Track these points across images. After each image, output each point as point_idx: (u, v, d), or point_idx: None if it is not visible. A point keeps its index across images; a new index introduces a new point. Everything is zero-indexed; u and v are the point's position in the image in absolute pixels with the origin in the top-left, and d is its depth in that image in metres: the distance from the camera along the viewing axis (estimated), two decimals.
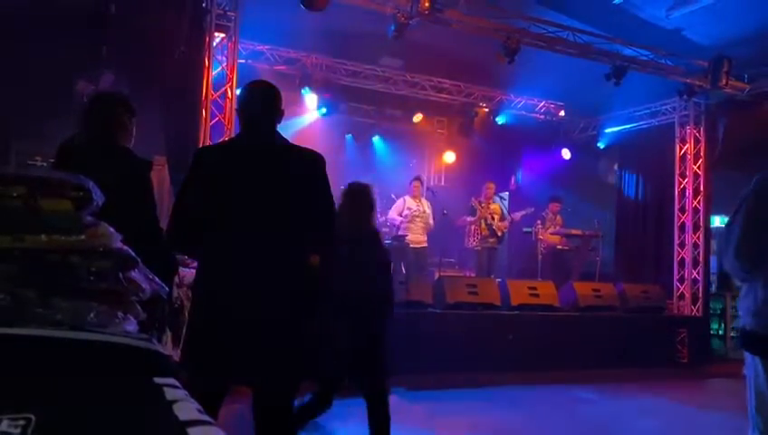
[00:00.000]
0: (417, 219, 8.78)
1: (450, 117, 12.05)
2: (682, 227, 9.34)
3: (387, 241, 9.26)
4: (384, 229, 10.36)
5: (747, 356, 2.60)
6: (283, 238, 2.43)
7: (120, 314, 0.95)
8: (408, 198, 8.96)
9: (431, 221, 8.91)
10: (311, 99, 9.87)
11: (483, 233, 9.03)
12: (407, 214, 8.77)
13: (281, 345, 2.38)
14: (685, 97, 8.98)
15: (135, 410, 0.73)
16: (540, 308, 7.45)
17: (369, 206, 3.93)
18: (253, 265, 2.37)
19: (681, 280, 9.23)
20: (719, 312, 9.71)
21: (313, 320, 2.53)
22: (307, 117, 10.49)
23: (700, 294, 9.09)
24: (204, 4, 6.67)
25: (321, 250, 2.53)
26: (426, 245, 8.94)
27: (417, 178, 9.14)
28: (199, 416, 0.73)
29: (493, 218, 9.09)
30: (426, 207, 8.93)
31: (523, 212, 9.59)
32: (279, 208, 2.45)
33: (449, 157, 12.47)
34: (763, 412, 2.52)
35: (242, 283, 2.36)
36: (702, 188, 9.26)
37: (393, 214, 9.06)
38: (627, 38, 8.01)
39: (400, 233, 8.88)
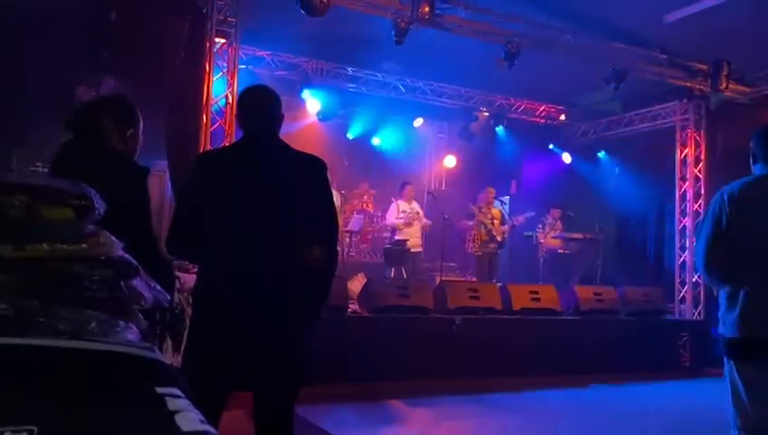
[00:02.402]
0: (415, 222, 8.88)
1: (451, 121, 12.07)
2: (683, 231, 9.33)
3: (387, 246, 9.30)
4: (385, 234, 10.42)
5: (724, 359, 2.81)
6: (284, 243, 2.43)
7: (121, 322, 0.94)
8: (400, 202, 9.05)
9: (425, 220, 9.06)
10: (311, 103, 9.89)
11: (483, 238, 9.04)
12: (402, 217, 8.84)
13: (282, 350, 2.37)
14: (685, 100, 8.98)
15: (137, 420, 0.73)
16: (541, 312, 7.43)
17: None
18: (253, 269, 2.37)
19: (682, 283, 9.21)
20: None
21: (314, 324, 2.52)
22: (307, 122, 10.51)
23: (702, 298, 9.07)
24: (204, 10, 6.68)
25: (322, 254, 2.52)
26: (421, 249, 9.07)
27: (410, 183, 9.27)
28: (202, 426, 0.73)
29: (493, 223, 9.09)
30: (418, 208, 9.06)
31: (526, 215, 9.60)
32: (280, 213, 2.44)
33: (450, 161, 12.49)
34: (740, 409, 2.70)
35: (243, 287, 2.36)
36: (703, 192, 9.25)
37: (390, 218, 9.13)
38: (627, 41, 8.02)
39: (400, 237, 8.91)
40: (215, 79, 6.70)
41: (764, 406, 2.65)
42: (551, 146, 11.66)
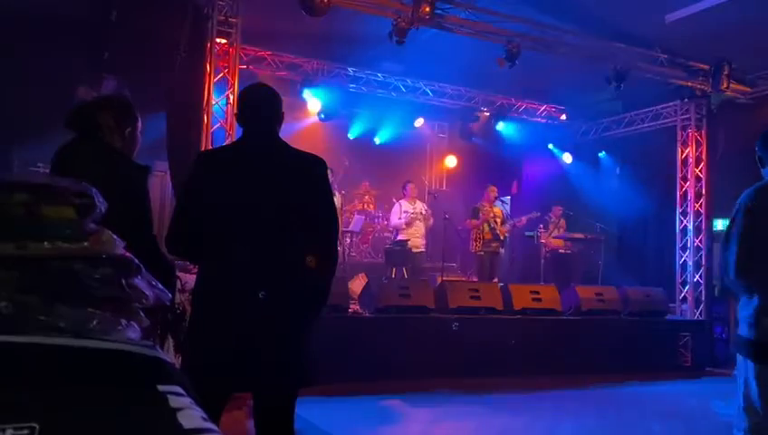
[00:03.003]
0: (417, 222, 8.80)
1: (451, 121, 12.08)
2: (684, 231, 9.32)
3: (388, 246, 9.29)
4: (386, 234, 10.42)
5: (740, 360, 2.76)
6: (284, 242, 2.43)
7: (123, 321, 0.94)
8: (403, 202, 8.99)
9: (431, 220, 8.97)
10: (312, 103, 9.89)
11: (486, 237, 9.02)
12: (405, 217, 8.78)
13: (282, 350, 2.37)
14: (686, 100, 8.98)
15: (139, 417, 0.73)
16: (542, 312, 7.44)
17: None
18: (253, 269, 2.37)
19: (684, 284, 9.21)
20: (722, 315, 9.67)
21: (314, 324, 2.52)
22: (308, 122, 10.52)
23: (703, 298, 9.07)
24: (205, 11, 6.69)
25: (322, 254, 2.52)
26: (423, 249, 9.00)
27: (412, 182, 9.24)
28: (204, 424, 0.73)
29: (496, 222, 9.09)
30: (422, 208, 8.98)
31: (530, 215, 9.59)
32: (279, 212, 2.44)
33: (450, 161, 12.50)
34: (751, 413, 2.67)
35: (242, 287, 2.36)
36: (704, 192, 9.25)
37: (393, 219, 9.08)
38: (628, 41, 8.02)
39: (401, 238, 8.89)
40: (215, 79, 6.71)
41: None
42: (551, 146, 11.66)
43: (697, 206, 9.27)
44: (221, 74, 6.82)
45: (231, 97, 6.77)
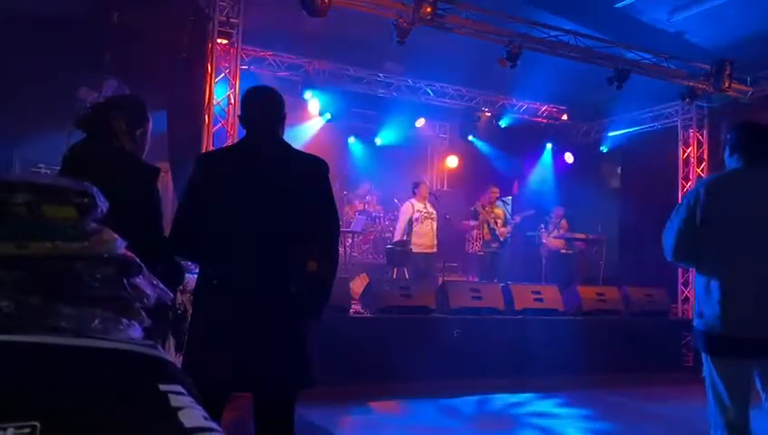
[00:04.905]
0: (428, 221, 8.63)
1: (452, 121, 12.08)
2: None
3: (388, 246, 9.26)
4: (387, 234, 10.40)
5: (703, 356, 2.76)
6: (285, 243, 2.43)
7: (124, 320, 0.94)
8: (414, 201, 8.82)
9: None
10: (314, 104, 9.90)
11: (486, 238, 8.99)
12: (417, 217, 8.59)
13: (282, 350, 2.37)
14: (687, 100, 8.97)
15: (140, 417, 0.73)
16: (544, 312, 7.43)
17: None
18: (254, 269, 2.37)
19: (685, 283, 9.19)
20: None
21: (315, 324, 2.52)
22: (310, 122, 10.53)
23: None
24: (206, 11, 6.69)
25: (323, 254, 2.53)
26: (434, 250, 8.76)
27: (423, 182, 9.10)
28: (205, 423, 0.73)
29: (496, 223, 9.06)
30: (431, 208, 8.84)
31: (523, 214, 9.58)
32: (280, 213, 2.45)
33: (452, 161, 12.50)
34: (722, 409, 2.68)
35: (243, 287, 2.36)
36: None
37: (402, 220, 8.79)
38: (629, 42, 8.01)
39: (404, 238, 8.83)
40: (217, 80, 6.71)
41: (745, 406, 2.63)
42: (551, 146, 11.66)
43: None
44: (222, 75, 6.82)
45: (232, 97, 6.77)
